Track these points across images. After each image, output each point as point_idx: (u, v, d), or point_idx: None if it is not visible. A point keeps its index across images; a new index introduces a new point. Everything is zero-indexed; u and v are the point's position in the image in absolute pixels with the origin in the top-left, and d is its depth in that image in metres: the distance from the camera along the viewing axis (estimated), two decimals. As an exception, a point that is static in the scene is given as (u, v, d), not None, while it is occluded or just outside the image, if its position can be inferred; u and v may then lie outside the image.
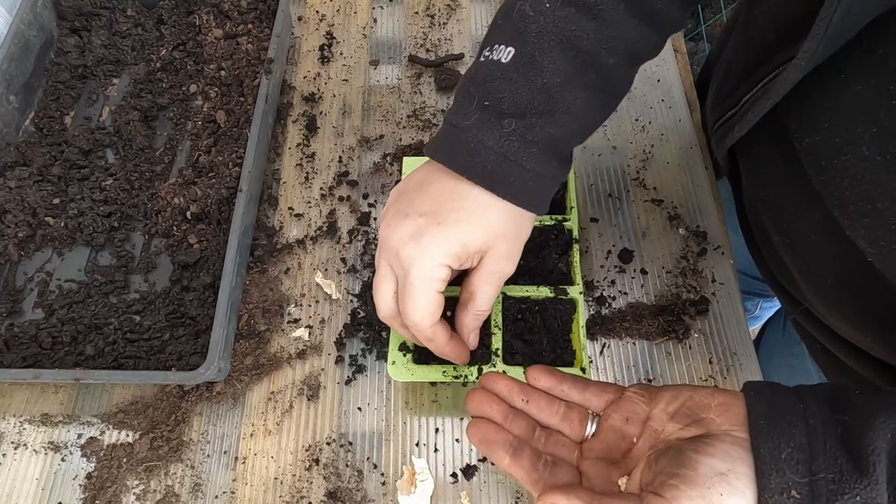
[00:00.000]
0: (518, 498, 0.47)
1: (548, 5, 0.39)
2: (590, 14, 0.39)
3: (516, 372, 0.47)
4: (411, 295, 0.40)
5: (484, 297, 0.43)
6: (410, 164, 0.56)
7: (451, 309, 0.50)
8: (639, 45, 0.41)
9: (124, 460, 0.50)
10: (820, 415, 0.32)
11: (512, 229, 0.41)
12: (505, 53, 0.39)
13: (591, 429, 0.39)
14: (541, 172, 0.40)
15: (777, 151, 0.43)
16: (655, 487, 0.32)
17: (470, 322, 0.44)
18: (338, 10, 0.73)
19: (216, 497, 0.49)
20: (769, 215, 0.47)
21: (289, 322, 0.55)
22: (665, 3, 0.41)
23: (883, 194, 0.34)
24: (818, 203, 0.39)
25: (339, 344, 0.54)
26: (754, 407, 0.33)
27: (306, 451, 0.50)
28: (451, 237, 0.39)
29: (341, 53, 0.70)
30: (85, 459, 0.50)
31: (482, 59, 0.41)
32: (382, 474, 0.49)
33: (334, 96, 0.67)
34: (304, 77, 0.69)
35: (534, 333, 0.50)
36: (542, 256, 0.53)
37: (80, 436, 0.51)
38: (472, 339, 0.45)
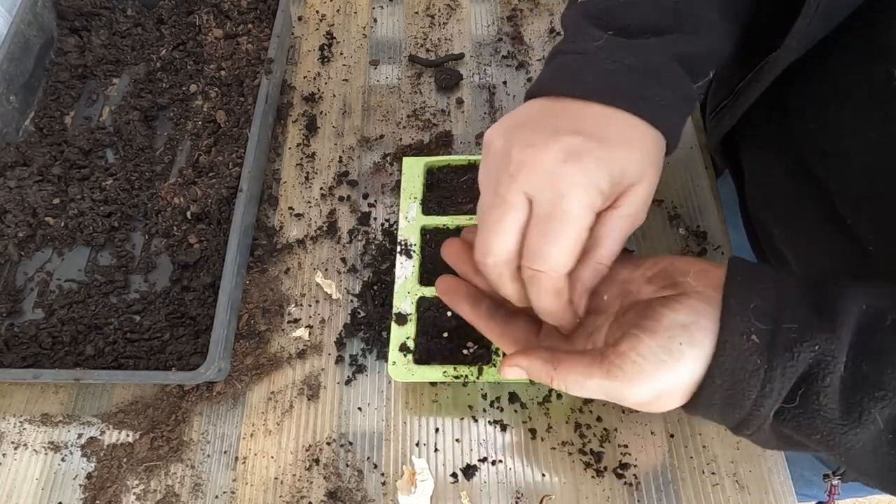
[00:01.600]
0: (518, 498, 0.47)
1: None
2: None
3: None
4: (561, 226, 0.33)
5: (612, 244, 0.35)
6: (410, 164, 0.56)
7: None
8: None
9: (124, 460, 0.50)
10: (797, 287, 0.31)
11: (659, 163, 0.35)
12: None
13: None
14: (685, 94, 0.36)
15: (777, 139, 0.43)
16: (616, 339, 0.32)
17: (587, 276, 0.36)
18: (338, 10, 0.73)
19: (216, 497, 0.49)
20: (770, 209, 0.47)
21: (289, 322, 0.55)
22: None
23: (888, 178, 0.34)
24: (819, 193, 0.39)
25: (340, 344, 0.54)
26: (734, 270, 0.32)
27: (306, 451, 0.50)
28: (615, 158, 0.33)
29: (341, 53, 0.70)
30: (85, 459, 0.50)
31: None
32: (382, 474, 0.49)
33: (334, 96, 0.67)
34: (304, 77, 0.69)
35: (534, 333, 0.50)
36: (542, 256, 0.53)
37: (80, 436, 0.51)
38: (584, 302, 0.37)
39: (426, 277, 0.52)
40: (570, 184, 0.33)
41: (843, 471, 0.51)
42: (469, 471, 0.48)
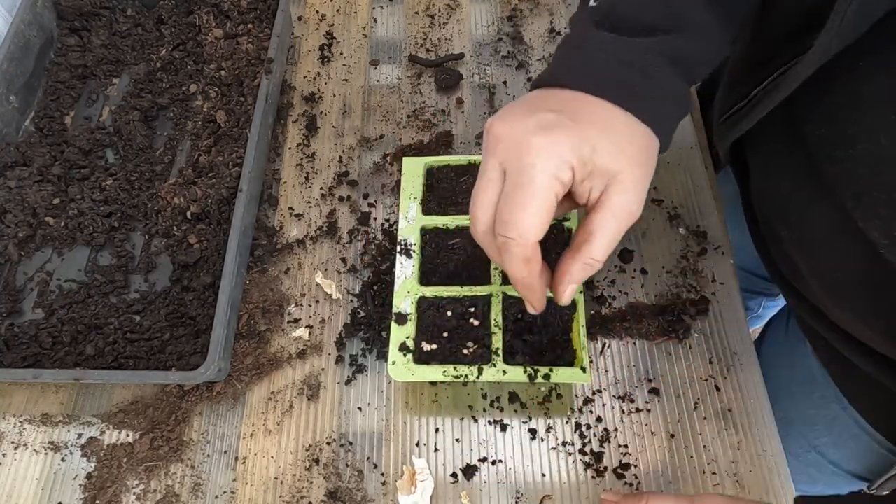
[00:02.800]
0: (518, 498, 0.47)
1: None
2: None
3: (516, 372, 0.47)
4: (526, 193, 0.34)
5: (605, 239, 0.36)
6: (410, 164, 0.56)
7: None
8: None
9: (124, 460, 0.50)
10: None
11: (643, 157, 0.36)
12: None
13: None
14: (675, 93, 0.37)
15: (787, 143, 0.43)
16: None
17: (576, 272, 0.37)
18: (338, 10, 0.73)
19: (216, 497, 0.49)
20: (777, 209, 0.47)
21: (289, 322, 0.55)
22: None
23: None
24: (829, 195, 0.39)
25: (340, 344, 0.54)
26: None
27: (306, 450, 0.50)
28: (585, 136, 0.34)
29: (341, 53, 0.70)
30: (85, 459, 0.50)
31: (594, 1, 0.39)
32: (382, 474, 0.49)
33: (334, 96, 0.67)
34: (304, 77, 0.69)
35: (534, 333, 0.50)
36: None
37: (80, 436, 0.51)
38: (567, 295, 0.38)
39: (426, 277, 0.52)
40: (535, 153, 0.34)
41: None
42: (469, 471, 0.48)
